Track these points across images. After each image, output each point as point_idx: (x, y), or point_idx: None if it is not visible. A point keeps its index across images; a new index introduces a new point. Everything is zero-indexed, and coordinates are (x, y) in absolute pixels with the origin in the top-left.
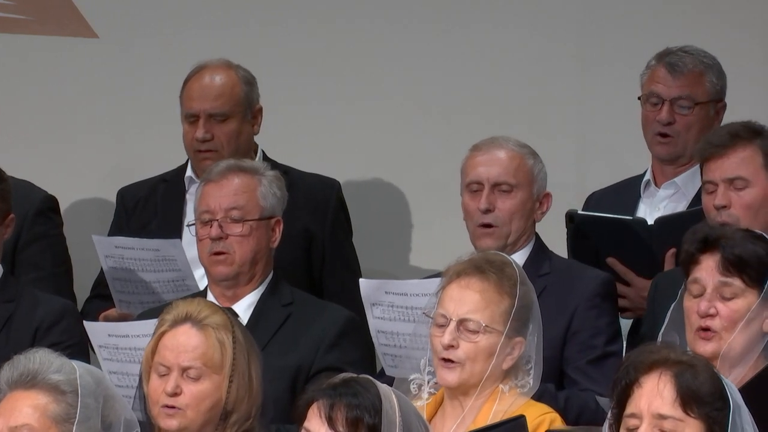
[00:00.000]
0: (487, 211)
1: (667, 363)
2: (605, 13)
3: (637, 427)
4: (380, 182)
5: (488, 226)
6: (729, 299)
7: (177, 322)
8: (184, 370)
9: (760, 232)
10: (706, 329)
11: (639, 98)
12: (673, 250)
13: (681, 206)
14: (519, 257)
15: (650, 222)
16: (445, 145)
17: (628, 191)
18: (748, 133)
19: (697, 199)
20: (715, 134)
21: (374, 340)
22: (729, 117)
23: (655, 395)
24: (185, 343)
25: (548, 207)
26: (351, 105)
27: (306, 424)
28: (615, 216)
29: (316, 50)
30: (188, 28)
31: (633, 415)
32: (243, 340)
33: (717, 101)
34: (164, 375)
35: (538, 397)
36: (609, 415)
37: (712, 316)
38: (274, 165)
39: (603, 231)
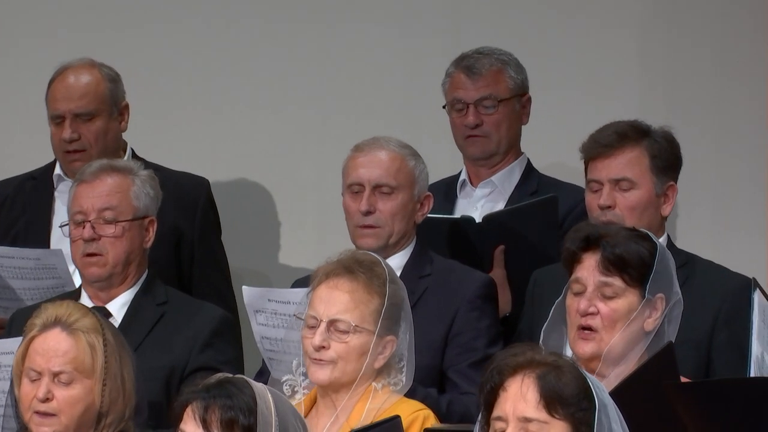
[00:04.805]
0: (368, 212)
1: (531, 365)
2: (480, 10)
3: (504, 430)
4: (250, 181)
5: (369, 227)
6: (609, 298)
7: (46, 327)
8: (55, 375)
9: (646, 231)
10: (587, 328)
11: (444, 107)
12: (501, 247)
13: (499, 205)
14: (400, 258)
15: (478, 220)
16: (317, 144)
17: (446, 191)
18: (636, 134)
19: (514, 198)
20: (601, 133)
21: (258, 345)
22: (611, 116)
23: (519, 398)
24: (55, 347)
25: (429, 208)
26: (221, 103)
27: (182, 426)
28: (444, 216)
29: (187, 48)
30: (56, 28)
31: (499, 419)
32: (114, 341)
33: (521, 95)
34: (35, 380)
35: (421, 401)
36: (479, 416)
37: (592, 314)
38: (143, 163)
39: (432, 230)
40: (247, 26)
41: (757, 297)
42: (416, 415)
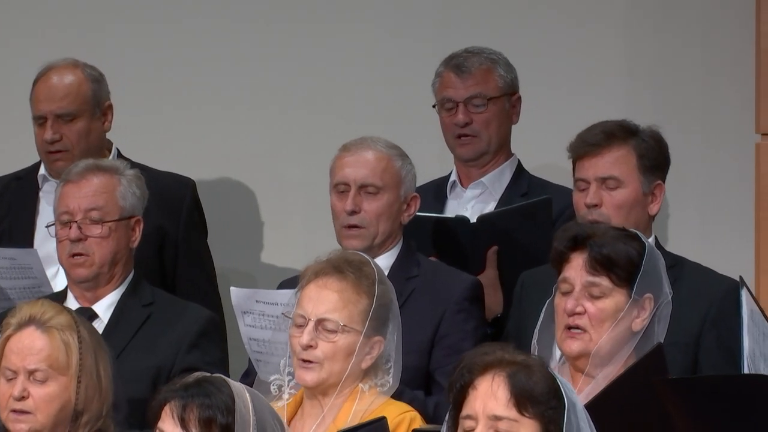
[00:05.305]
0: (353, 212)
1: (501, 364)
2: (469, 10)
3: (473, 429)
4: (236, 181)
5: (354, 227)
6: (597, 298)
7: (21, 326)
8: (30, 373)
9: (635, 230)
10: (574, 328)
11: (433, 106)
12: (494, 248)
13: (489, 206)
14: (386, 259)
15: (471, 220)
16: (304, 145)
17: (436, 192)
18: (623, 133)
19: (504, 199)
20: (589, 132)
21: (246, 346)
22: (599, 116)
23: (489, 396)
24: (30, 345)
25: (416, 209)
26: (208, 103)
27: (160, 424)
28: (438, 215)
29: (174, 48)
30: (42, 27)
31: (469, 417)
32: (89, 338)
33: (511, 94)
34: (11, 379)
35: (408, 404)
36: (447, 416)
37: (579, 314)
38: (129, 163)
39: (424, 230)
40: (235, 27)
41: (744, 295)
42: (403, 416)
